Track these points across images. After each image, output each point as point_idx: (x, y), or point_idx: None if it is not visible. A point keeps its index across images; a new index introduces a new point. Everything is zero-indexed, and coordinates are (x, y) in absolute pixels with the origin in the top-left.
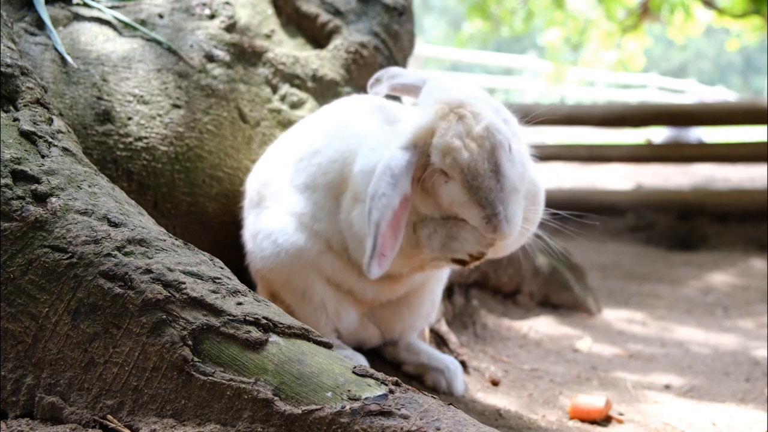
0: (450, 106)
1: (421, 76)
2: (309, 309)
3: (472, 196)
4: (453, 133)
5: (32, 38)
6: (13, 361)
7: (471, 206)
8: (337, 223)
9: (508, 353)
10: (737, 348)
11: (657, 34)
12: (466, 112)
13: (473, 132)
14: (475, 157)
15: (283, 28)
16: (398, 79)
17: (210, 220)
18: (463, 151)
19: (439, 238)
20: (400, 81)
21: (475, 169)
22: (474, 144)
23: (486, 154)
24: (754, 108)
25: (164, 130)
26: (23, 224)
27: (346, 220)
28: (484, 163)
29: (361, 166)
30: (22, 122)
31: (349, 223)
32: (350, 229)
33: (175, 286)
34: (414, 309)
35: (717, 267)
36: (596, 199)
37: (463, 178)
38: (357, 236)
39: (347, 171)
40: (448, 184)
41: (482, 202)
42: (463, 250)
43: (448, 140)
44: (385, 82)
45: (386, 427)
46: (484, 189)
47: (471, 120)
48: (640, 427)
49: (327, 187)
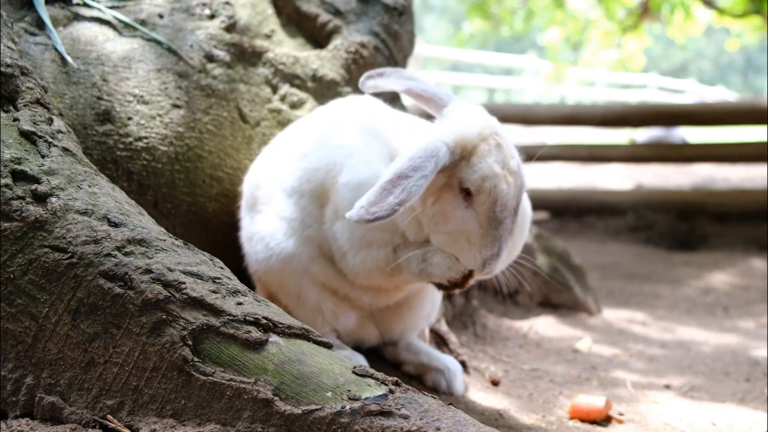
0: (489, 128)
1: (445, 90)
2: (304, 311)
3: (489, 231)
4: (494, 159)
5: (32, 38)
6: (13, 361)
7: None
8: (324, 231)
9: (508, 353)
10: (737, 348)
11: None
12: (502, 141)
13: (509, 164)
14: (509, 191)
15: (283, 28)
16: (418, 83)
17: (210, 220)
18: (503, 182)
19: (416, 262)
20: (421, 86)
21: (505, 204)
22: (511, 178)
23: (516, 191)
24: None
25: (164, 130)
26: (23, 224)
27: (330, 232)
28: (513, 200)
29: (348, 179)
30: (22, 122)
31: (333, 235)
32: (335, 241)
33: (175, 286)
34: (414, 310)
35: (717, 267)
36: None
37: (491, 209)
38: (341, 249)
39: (330, 182)
40: (467, 211)
41: (494, 240)
42: (439, 276)
43: (491, 165)
44: (397, 81)
45: (386, 427)
46: (503, 227)
47: (507, 151)
48: (640, 427)
49: (312, 194)
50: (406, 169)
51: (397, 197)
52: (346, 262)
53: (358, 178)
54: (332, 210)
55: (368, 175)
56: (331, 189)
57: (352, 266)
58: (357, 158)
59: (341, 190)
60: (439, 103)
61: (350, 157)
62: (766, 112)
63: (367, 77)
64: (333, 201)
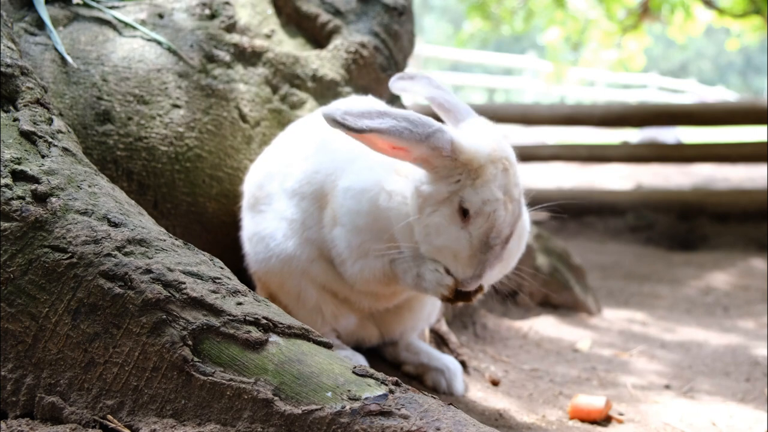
0: (499, 150)
1: (468, 107)
2: (304, 311)
3: (476, 254)
4: (499, 184)
5: (32, 38)
6: (13, 361)
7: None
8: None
9: (508, 353)
10: (737, 348)
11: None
12: (510, 167)
13: (511, 192)
14: (506, 219)
15: (283, 28)
16: (443, 93)
17: (210, 220)
18: (502, 209)
19: (412, 275)
20: (447, 97)
21: (500, 231)
22: (510, 206)
23: (512, 220)
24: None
25: (164, 130)
26: (23, 224)
27: (329, 237)
28: (508, 228)
29: (349, 184)
30: (22, 122)
31: (332, 241)
32: (334, 247)
33: (175, 286)
34: (415, 311)
35: (717, 267)
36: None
37: (485, 234)
38: (341, 256)
39: (330, 185)
40: (461, 231)
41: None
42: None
43: (494, 190)
44: (425, 87)
45: (386, 427)
46: (492, 252)
47: (512, 179)
48: (640, 427)
49: (313, 197)
50: (397, 114)
51: (373, 122)
52: (345, 270)
53: (359, 185)
54: (331, 215)
55: (370, 182)
56: (331, 193)
57: (351, 274)
58: (359, 164)
59: (341, 196)
60: (458, 116)
61: (352, 162)
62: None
63: (398, 78)
64: (332, 206)
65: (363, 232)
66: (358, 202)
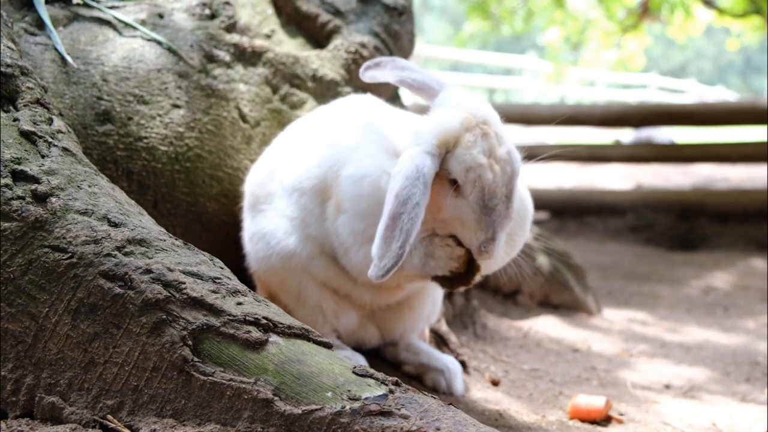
0: (475, 118)
1: (437, 77)
2: (305, 310)
3: (482, 217)
4: (479, 149)
5: (32, 38)
6: (13, 361)
7: (474, 226)
8: (326, 228)
9: (508, 353)
10: (737, 348)
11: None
12: (490, 130)
13: (496, 153)
14: (496, 180)
15: (283, 28)
16: (410, 73)
17: (210, 220)
18: (488, 171)
19: (419, 255)
20: (413, 76)
21: (494, 191)
22: (498, 166)
23: (506, 179)
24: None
25: (164, 130)
26: (23, 224)
27: (333, 228)
28: (503, 187)
29: (351, 172)
30: (22, 122)
31: (335, 231)
32: (337, 237)
33: (175, 286)
34: (415, 310)
35: (717, 267)
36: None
37: (480, 198)
38: (344, 245)
39: (332, 177)
40: (458, 200)
41: (488, 225)
42: (442, 268)
43: (475, 155)
44: (390, 72)
45: (386, 427)
46: (495, 213)
47: (494, 140)
48: (640, 427)
49: (313, 192)
50: (397, 207)
51: (398, 241)
52: (349, 259)
53: (362, 172)
54: (334, 205)
55: (372, 169)
56: (334, 184)
57: (355, 262)
58: (360, 153)
59: (344, 183)
60: (431, 92)
61: (353, 151)
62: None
63: (365, 68)
64: (335, 196)
65: (367, 216)
66: (360, 188)
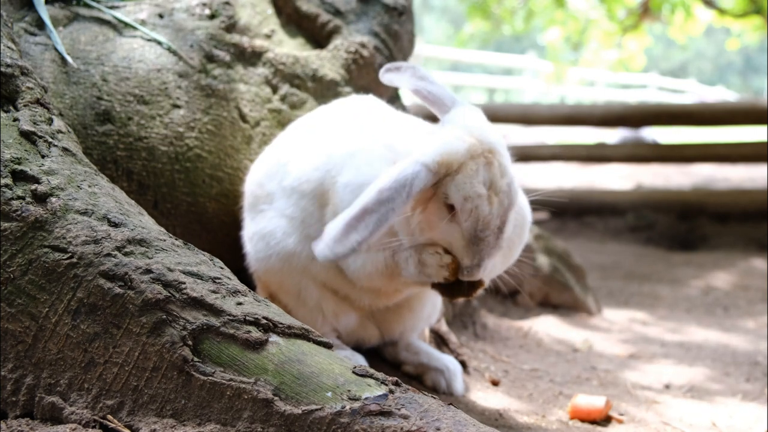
0: (482, 145)
1: (452, 94)
2: (304, 310)
3: (470, 246)
4: (480, 179)
5: (32, 38)
6: (13, 361)
7: (461, 252)
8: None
9: (508, 353)
10: (737, 348)
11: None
12: (494, 160)
13: (497, 185)
14: (492, 212)
15: (283, 28)
16: (427, 84)
17: (210, 220)
18: (485, 204)
19: (413, 262)
20: (428, 88)
21: (487, 224)
22: (496, 199)
23: (501, 211)
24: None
25: (164, 130)
26: (23, 224)
27: None
28: (497, 219)
29: (348, 180)
30: (22, 122)
31: None
32: None
33: (175, 286)
34: (415, 311)
35: (717, 267)
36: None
37: (473, 228)
38: None
39: (329, 182)
40: (451, 224)
41: (474, 254)
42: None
43: (475, 186)
44: (409, 79)
45: (386, 427)
46: (484, 243)
47: (497, 171)
48: (640, 427)
49: (312, 195)
50: (372, 202)
51: (359, 234)
52: (347, 266)
53: (359, 180)
54: (332, 212)
55: (369, 177)
56: (331, 189)
57: (353, 269)
58: (358, 159)
59: (341, 192)
60: (443, 107)
61: (351, 157)
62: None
63: (386, 70)
64: (332, 202)
65: None
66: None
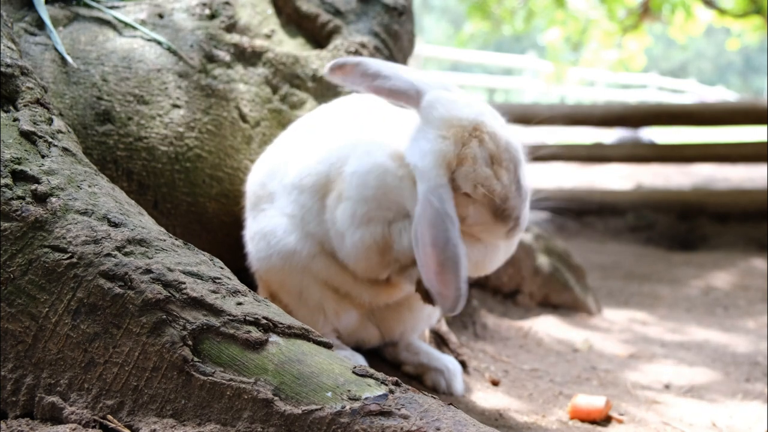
0: (465, 129)
1: (413, 82)
2: (306, 310)
3: (499, 216)
4: (480, 161)
5: (32, 38)
6: (13, 361)
7: (496, 224)
8: (325, 224)
9: (508, 353)
10: (737, 348)
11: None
12: (483, 134)
13: (496, 155)
14: (505, 184)
15: (283, 28)
16: (383, 81)
17: (210, 220)
18: (495, 181)
19: (407, 236)
20: (386, 85)
21: (505, 195)
22: (502, 170)
23: (512, 176)
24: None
25: (164, 130)
26: (23, 224)
27: (331, 218)
28: (512, 185)
29: (356, 168)
30: (22, 122)
31: (333, 221)
32: (333, 226)
33: (175, 286)
34: (415, 311)
35: (717, 267)
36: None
37: (493, 205)
38: (339, 232)
39: (335, 173)
40: (474, 207)
41: (507, 218)
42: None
43: (478, 170)
44: (360, 80)
45: (386, 427)
46: (510, 208)
47: (490, 142)
48: (640, 427)
49: (313, 189)
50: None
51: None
52: (344, 245)
53: (366, 168)
54: (335, 197)
55: (374, 166)
56: (337, 179)
57: (351, 245)
58: (362, 148)
59: (349, 179)
60: (410, 99)
61: (355, 147)
62: (766, 112)
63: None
64: (338, 189)
65: (370, 201)
66: (365, 179)
